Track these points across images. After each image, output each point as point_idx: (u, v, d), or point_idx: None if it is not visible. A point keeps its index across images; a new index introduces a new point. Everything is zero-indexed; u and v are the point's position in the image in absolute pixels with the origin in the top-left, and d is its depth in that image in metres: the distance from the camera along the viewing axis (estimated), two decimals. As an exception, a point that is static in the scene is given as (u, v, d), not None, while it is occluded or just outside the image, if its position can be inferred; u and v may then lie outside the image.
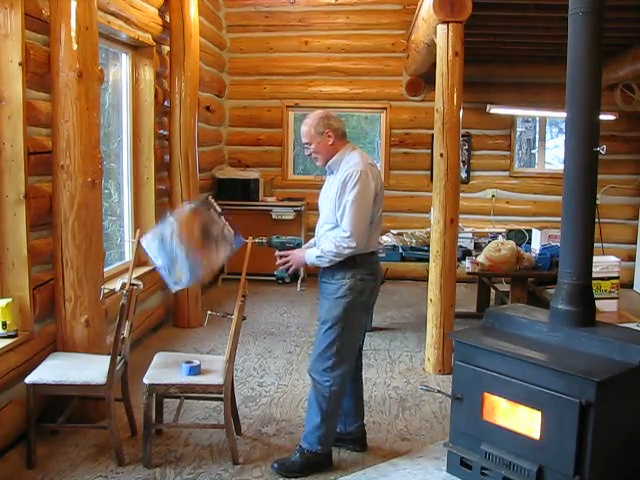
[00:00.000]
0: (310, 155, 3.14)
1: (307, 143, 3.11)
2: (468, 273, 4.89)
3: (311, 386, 3.10)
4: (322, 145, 3.07)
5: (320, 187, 3.27)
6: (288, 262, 3.11)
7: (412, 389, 4.20)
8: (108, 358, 3.10)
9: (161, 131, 5.40)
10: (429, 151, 7.11)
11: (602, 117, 2.82)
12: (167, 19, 5.22)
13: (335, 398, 3.03)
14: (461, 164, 6.81)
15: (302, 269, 7.13)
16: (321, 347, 3.02)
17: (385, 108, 7.52)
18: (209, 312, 3.45)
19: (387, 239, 5.42)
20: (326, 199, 3.10)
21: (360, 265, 2.99)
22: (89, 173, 3.41)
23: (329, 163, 3.10)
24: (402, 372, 4.54)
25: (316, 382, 3.03)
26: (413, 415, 3.80)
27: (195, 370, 3.12)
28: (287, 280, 3.42)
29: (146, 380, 3.07)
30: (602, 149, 2.71)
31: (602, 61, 2.74)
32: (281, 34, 7.51)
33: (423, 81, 7.28)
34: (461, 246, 5.01)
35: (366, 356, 4.85)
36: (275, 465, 3.09)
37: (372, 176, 2.99)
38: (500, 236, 5.42)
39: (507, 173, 7.50)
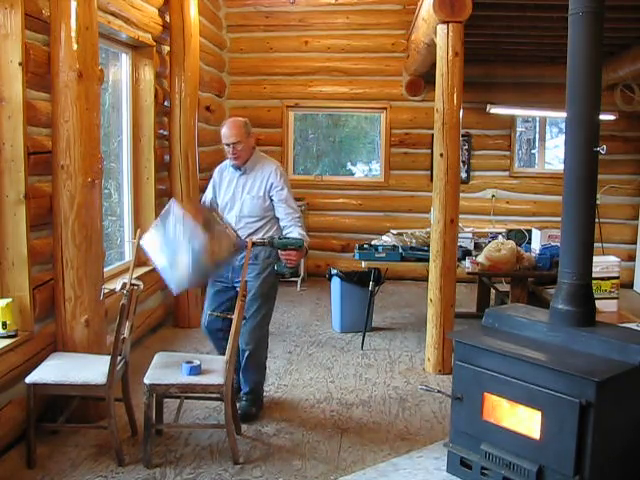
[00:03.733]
0: (235, 154, 3.55)
1: (238, 142, 3.52)
2: (468, 273, 4.89)
3: (248, 355, 3.58)
4: (248, 145, 3.58)
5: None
6: (293, 261, 3.39)
7: (412, 389, 4.20)
8: (108, 358, 3.10)
9: (161, 131, 5.40)
10: (429, 151, 7.10)
11: (602, 117, 2.81)
12: (167, 19, 5.22)
13: (266, 353, 3.78)
14: (461, 164, 6.82)
15: (303, 269, 7.18)
16: (256, 320, 3.55)
17: (385, 108, 7.52)
18: (209, 312, 3.46)
19: (387, 239, 5.42)
20: (247, 195, 3.58)
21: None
22: (89, 173, 3.41)
23: (247, 163, 3.60)
24: (402, 372, 4.54)
25: (256, 348, 3.59)
26: (413, 415, 3.80)
27: (195, 370, 3.12)
28: (287, 276, 3.48)
29: (146, 380, 3.07)
30: (602, 149, 2.71)
31: (602, 61, 2.74)
32: (281, 34, 7.50)
33: (423, 81, 7.28)
34: (461, 246, 5.00)
35: (366, 356, 4.87)
36: (243, 419, 3.54)
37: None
38: (500, 236, 5.41)
39: (507, 173, 7.50)
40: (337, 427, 3.61)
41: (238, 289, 3.52)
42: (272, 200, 3.58)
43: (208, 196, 3.79)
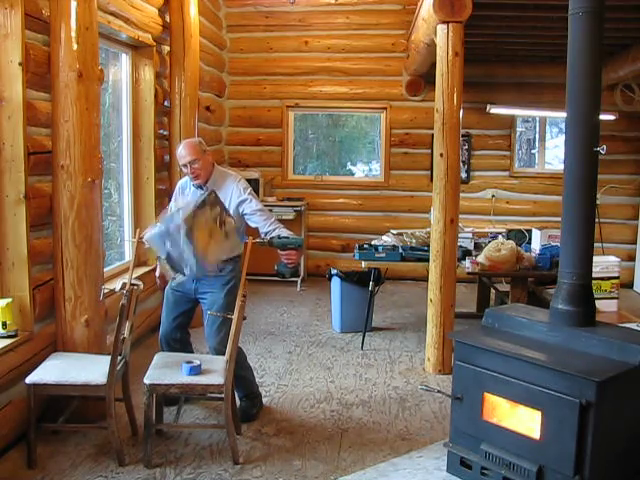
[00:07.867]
0: (193, 173, 3.44)
1: (194, 160, 3.41)
2: (468, 273, 4.89)
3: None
4: (206, 162, 3.47)
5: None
6: (294, 261, 3.37)
7: (412, 389, 4.20)
8: (108, 358, 3.10)
9: (161, 131, 5.40)
10: (429, 151, 7.11)
11: (602, 117, 2.81)
12: (167, 19, 5.22)
13: (243, 354, 3.72)
14: (461, 164, 6.82)
15: (303, 269, 7.18)
16: (227, 329, 3.32)
17: (385, 108, 7.52)
18: (209, 312, 3.46)
19: (387, 239, 5.42)
20: None
21: (240, 256, 3.55)
22: (89, 173, 3.41)
23: (209, 182, 3.47)
24: (402, 372, 4.54)
25: (237, 358, 3.37)
26: (413, 415, 3.80)
27: (196, 370, 3.12)
28: (287, 276, 3.48)
29: (146, 380, 3.07)
30: (602, 149, 2.71)
31: (602, 61, 2.74)
32: (281, 34, 7.51)
33: (423, 81, 7.28)
34: (461, 246, 5.00)
35: (366, 356, 4.87)
36: (243, 419, 3.54)
37: None
38: (500, 236, 5.41)
39: (507, 173, 7.51)
40: (337, 427, 3.61)
41: (201, 303, 3.61)
42: (244, 214, 3.47)
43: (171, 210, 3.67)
